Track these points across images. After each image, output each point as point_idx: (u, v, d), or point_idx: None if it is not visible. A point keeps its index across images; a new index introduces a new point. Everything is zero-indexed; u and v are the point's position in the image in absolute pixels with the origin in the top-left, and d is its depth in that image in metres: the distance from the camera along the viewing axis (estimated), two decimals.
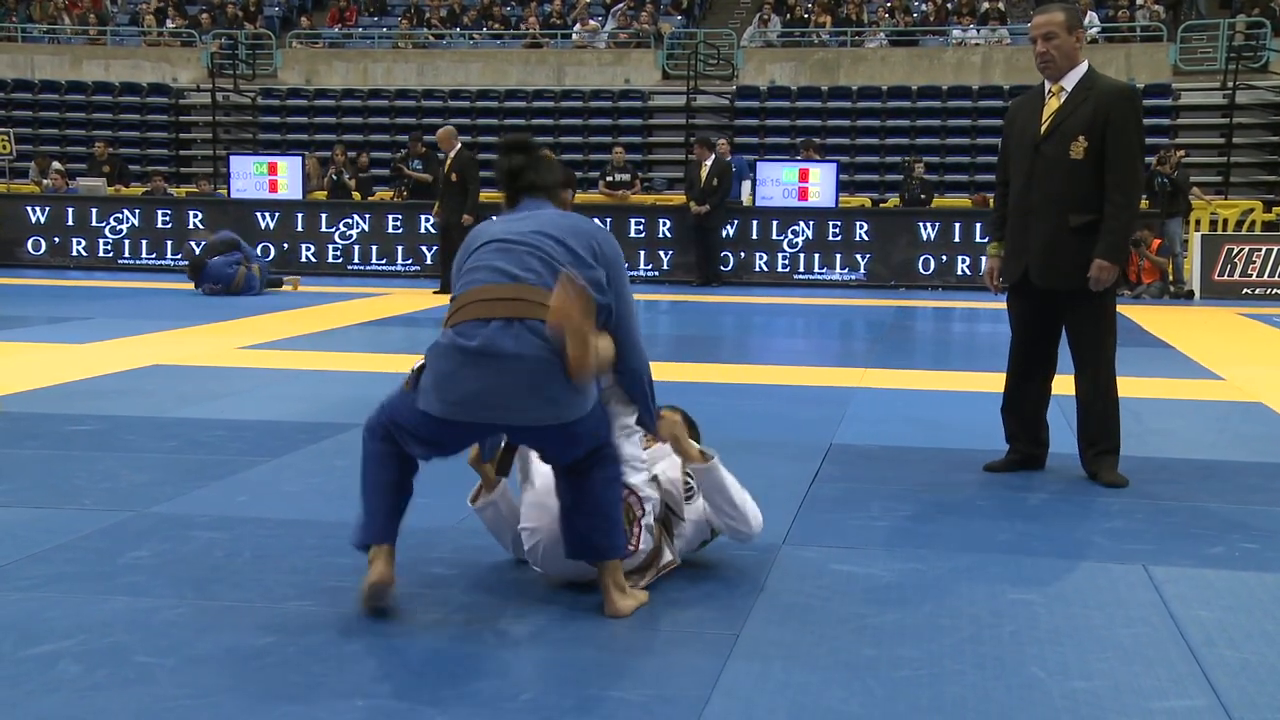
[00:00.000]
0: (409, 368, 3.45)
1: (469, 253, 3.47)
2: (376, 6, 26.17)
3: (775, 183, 16.58)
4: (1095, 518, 4.56)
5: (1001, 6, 23.42)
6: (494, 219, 3.60)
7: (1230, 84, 20.49)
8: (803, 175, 16.54)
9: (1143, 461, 5.39)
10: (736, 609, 3.47)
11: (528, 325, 3.26)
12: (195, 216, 17.13)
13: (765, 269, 16.26)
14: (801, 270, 16.20)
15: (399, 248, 16.85)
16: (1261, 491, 5.02)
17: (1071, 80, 5.02)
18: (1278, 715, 2.83)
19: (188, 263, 13.79)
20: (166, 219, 17.27)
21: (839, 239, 16.18)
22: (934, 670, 3.06)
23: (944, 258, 16.01)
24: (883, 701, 2.86)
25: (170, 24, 25.62)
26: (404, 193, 17.60)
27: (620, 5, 24.51)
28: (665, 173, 21.76)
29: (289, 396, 6.98)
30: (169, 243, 17.10)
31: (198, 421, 6.13)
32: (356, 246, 16.93)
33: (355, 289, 14.60)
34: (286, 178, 17.31)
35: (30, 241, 17.44)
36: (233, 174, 17.61)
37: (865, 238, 16.19)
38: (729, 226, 16.16)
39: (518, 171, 3.61)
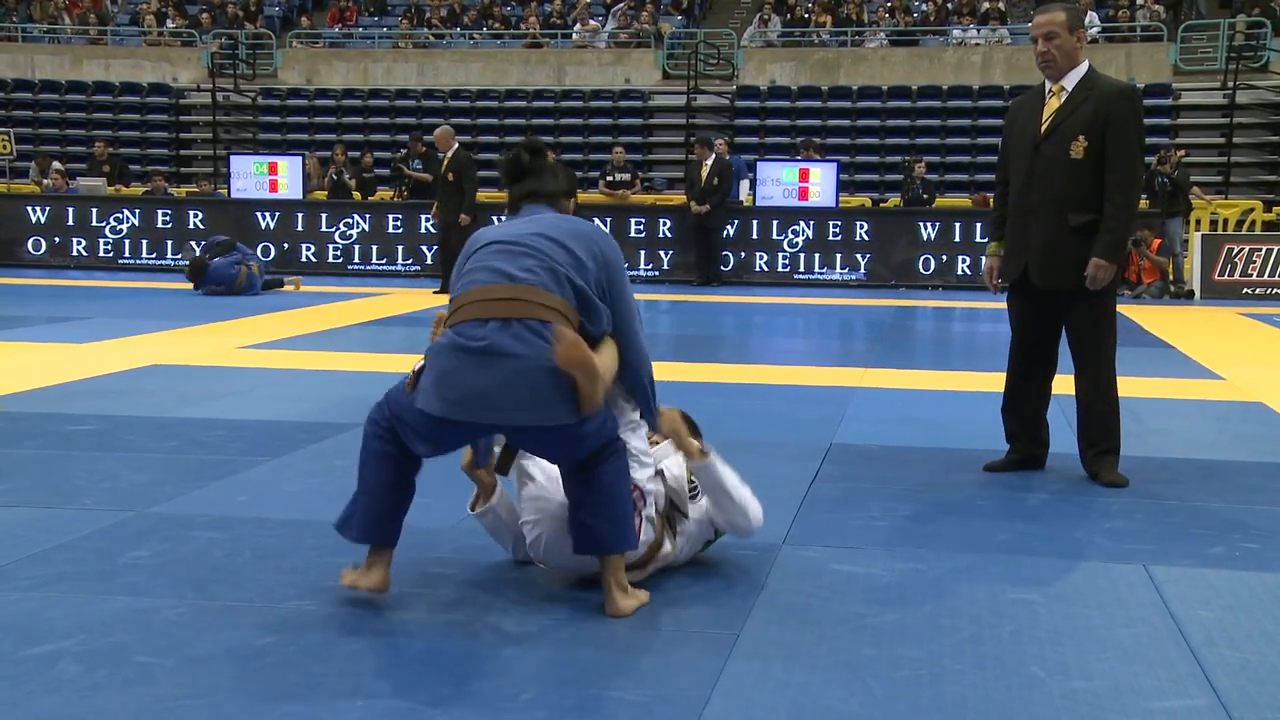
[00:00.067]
0: (410, 367, 3.46)
1: (468, 255, 3.52)
2: (377, 6, 26.18)
3: (775, 182, 16.58)
4: (1095, 518, 4.56)
5: (1002, 6, 23.42)
6: (496, 223, 3.63)
7: (1230, 84, 20.49)
8: (803, 175, 16.54)
9: (1143, 461, 5.40)
10: (737, 609, 3.47)
11: (526, 325, 3.27)
12: (195, 216, 17.15)
13: (765, 269, 16.27)
14: (802, 270, 16.21)
15: (399, 247, 16.86)
16: (1261, 491, 5.02)
17: (1072, 80, 5.02)
18: (1278, 715, 2.83)
19: (188, 264, 13.79)
20: (167, 219, 17.28)
21: (839, 239, 16.19)
22: (934, 670, 3.06)
23: (944, 257, 16.02)
24: (883, 701, 2.86)
25: (170, 24, 25.63)
26: (404, 192, 17.61)
27: (620, 5, 24.51)
28: (665, 173, 21.76)
29: (289, 396, 6.98)
30: (169, 243, 17.11)
31: (198, 421, 6.13)
32: (357, 246, 16.94)
33: (355, 289, 14.61)
34: (287, 178, 17.32)
35: (30, 241, 17.45)
36: (233, 174, 17.63)
37: (865, 237, 16.20)
38: (729, 226, 16.17)
39: (521, 176, 3.64)
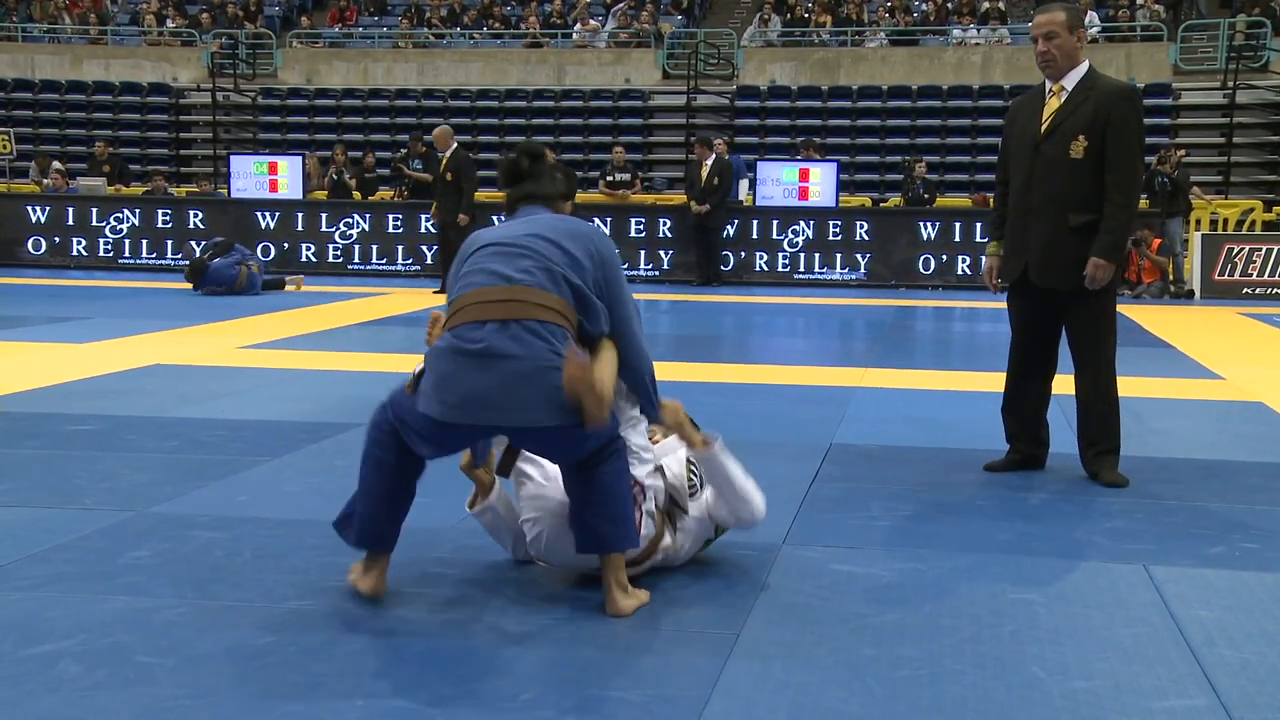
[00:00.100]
0: (410, 368, 3.46)
1: (465, 258, 3.51)
2: (377, 6, 26.18)
3: (775, 182, 16.57)
4: (1095, 518, 4.57)
5: (1002, 6, 23.41)
6: (495, 223, 3.63)
7: (1230, 84, 20.49)
8: (803, 175, 16.54)
9: (1143, 461, 5.40)
10: (737, 608, 3.47)
11: (524, 325, 3.27)
12: (195, 216, 17.15)
13: (765, 269, 16.26)
14: (802, 270, 16.21)
15: (399, 247, 16.86)
16: (1262, 491, 5.02)
17: (1072, 80, 5.02)
18: (1278, 715, 2.83)
19: (188, 264, 13.79)
20: (167, 219, 17.27)
21: (839, 239, 16.19)
22: (934, 670, 3.06)
23: (944, 257, 16.02)
24: (883, 701, 2.86)
25: (170, 24, 25.62)
26: (404, 192, 17.61)
27: (620, 5, 24.50)
28: (665, 172, 21.75)
29: (289, 396, 6.98)
30: (169, 243, 17.10)
31: (198, 421, 6.13)
32: (357, 246, 16.94)
33: (355, 289, 14.60)
34: (287, 177, 17.32)
35: (30, 241, 17.45)
36: (233, 174, 17.63)
37: (865, 237, 16.19)
38: (729, 226, 16.17)
39: (519, 179, 3.64)
